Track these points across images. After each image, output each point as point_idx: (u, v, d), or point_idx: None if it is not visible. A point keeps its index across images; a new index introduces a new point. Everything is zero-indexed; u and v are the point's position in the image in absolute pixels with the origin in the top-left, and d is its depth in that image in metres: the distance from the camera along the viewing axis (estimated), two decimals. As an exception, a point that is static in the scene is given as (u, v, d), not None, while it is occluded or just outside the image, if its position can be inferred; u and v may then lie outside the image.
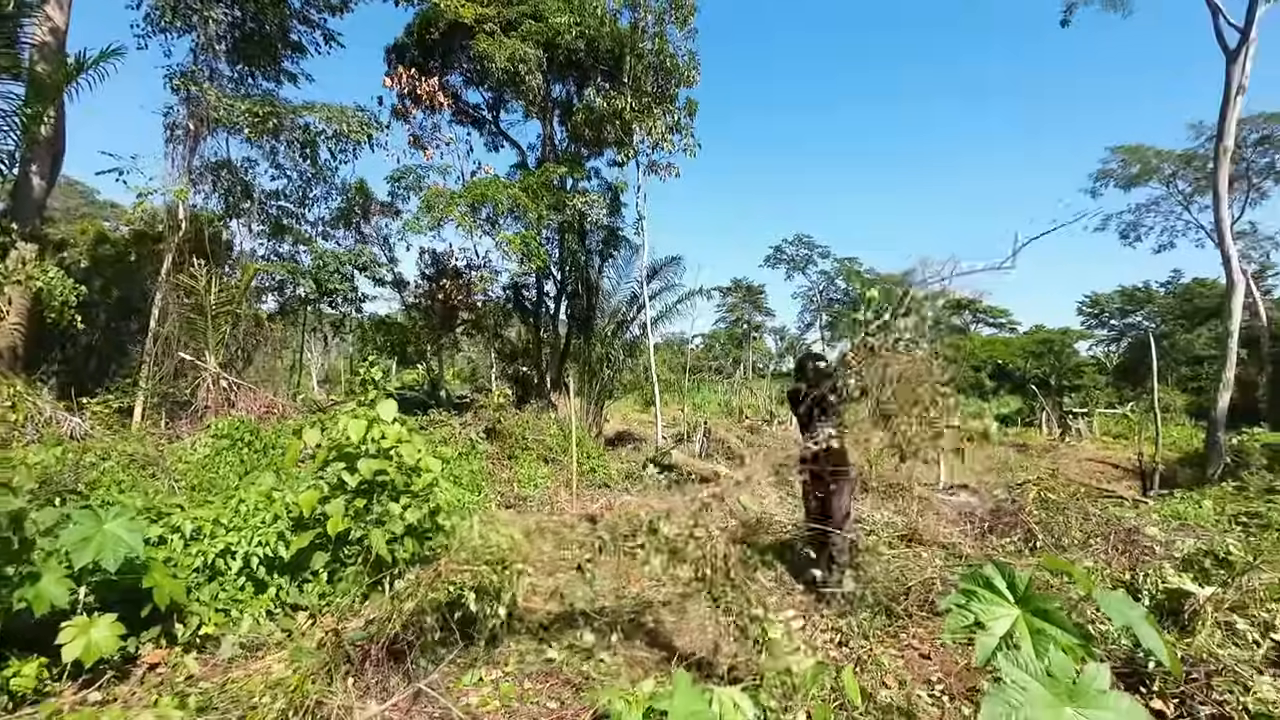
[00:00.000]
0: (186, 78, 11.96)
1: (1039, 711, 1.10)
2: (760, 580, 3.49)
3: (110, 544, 2.33)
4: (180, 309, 9.52)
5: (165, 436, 6.92)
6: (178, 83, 11.87)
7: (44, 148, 10.40)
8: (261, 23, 12.96)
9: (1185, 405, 26.88)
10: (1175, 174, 28.24)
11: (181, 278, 8.41)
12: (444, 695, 2.22)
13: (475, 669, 2.44)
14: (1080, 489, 7.93)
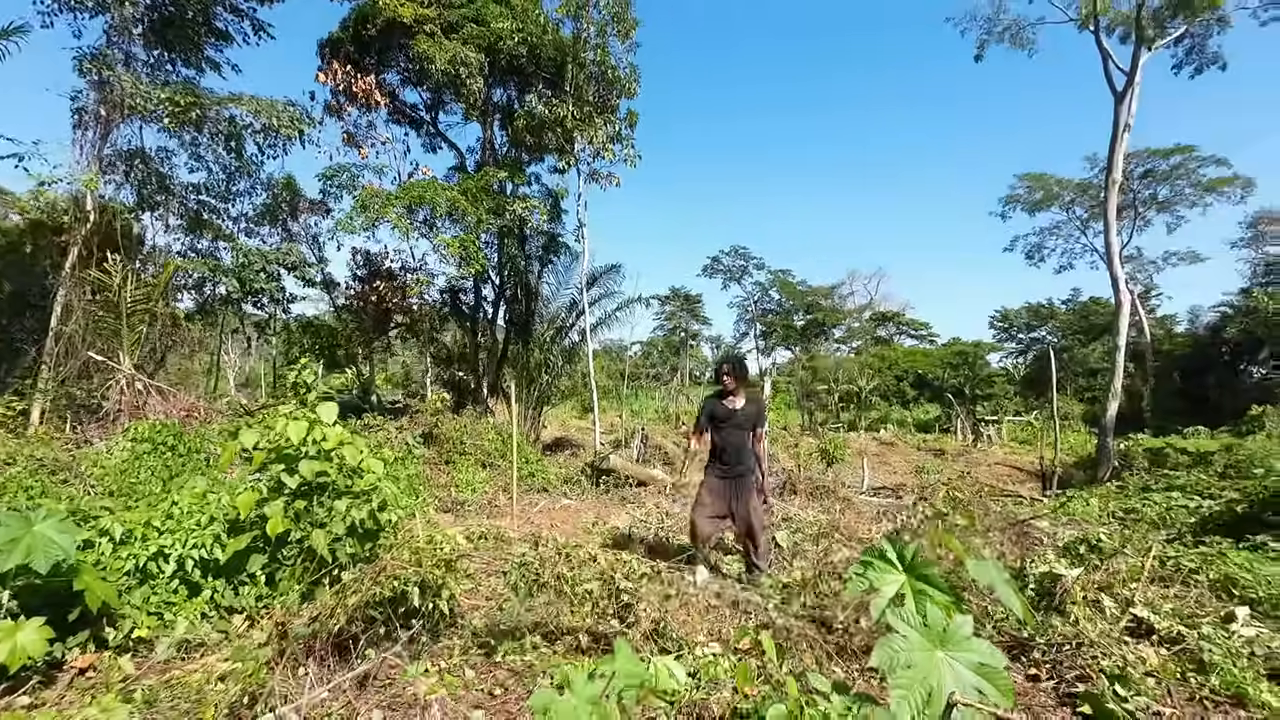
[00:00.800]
0: (98, 60, 11.23)
1: (917, 654, 1.33)
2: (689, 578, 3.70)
3: (41, 546, 2.27)
4: (89, 306, 8.91)
5: (72, 441, 6.47)
6: (88, 65, 11.14)
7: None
8: (183, 7, 12.33)
9: (1082, 413, 29.22)
10: (1073, 201, 30.83)
11: (93, 273, 7.88)
12: (389, 686, 2.29)
13: (419, 661, 2.51)
14: (985, 489, 8.61)
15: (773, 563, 4.46)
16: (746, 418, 4.76)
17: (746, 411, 4.76)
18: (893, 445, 23.15)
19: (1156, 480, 9.20)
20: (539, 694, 1.28)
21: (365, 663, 2.30)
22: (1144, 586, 3.59)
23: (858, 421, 33.04)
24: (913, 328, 56.27)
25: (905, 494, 9.01)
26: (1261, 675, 2.78)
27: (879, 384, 40.40)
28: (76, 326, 10.77)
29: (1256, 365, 24.09)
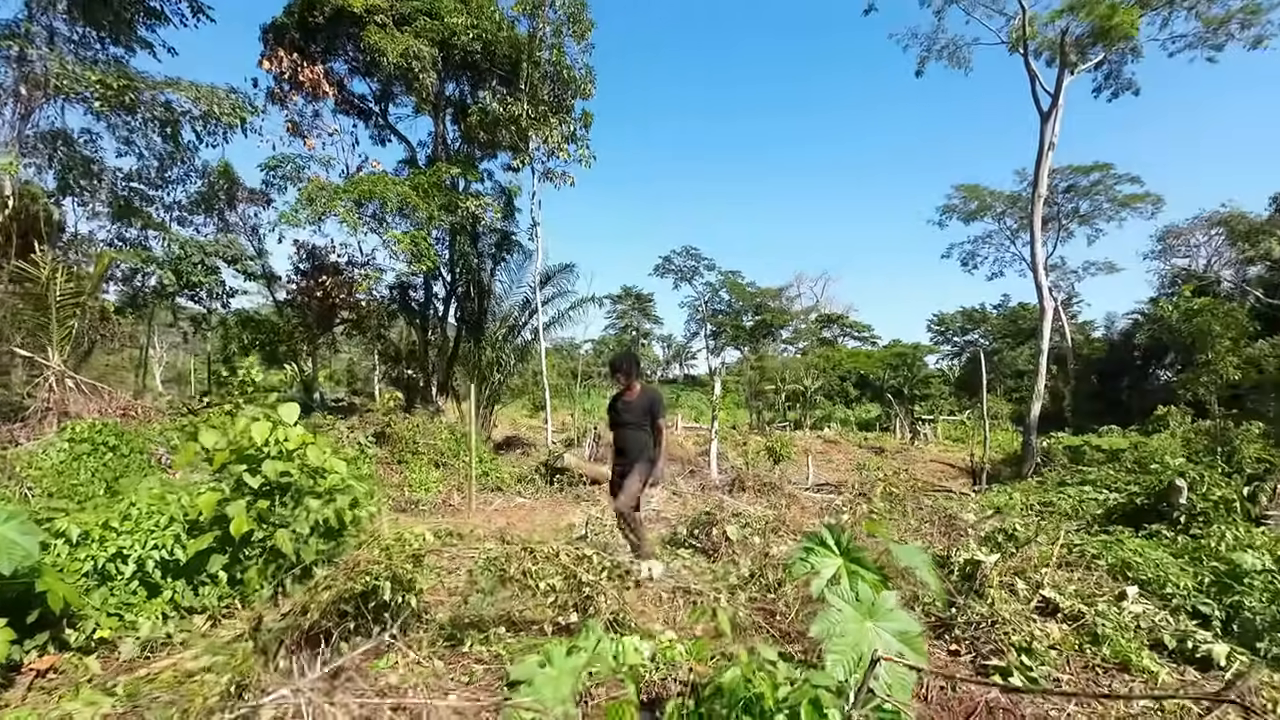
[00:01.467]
0: (19, 37, 10.57)
1: (850, 624, 1.55)
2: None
3: (4, 548, 2.25)
4: (7, 297, 8.40)
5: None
6: (6, 41, 10.47)
7: None
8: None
9: (1010, 413, 30.95)
10: (1004, 212, 32.62)
11: (19, 263, 7.43)
12: (362, 678, 2.38)
13: (390, 654, 2.61)
14: (919, 485, 9.14)
15: (723, 555, 4.69)
16: (639, 412, 4.83)
17: (637, 406, 4.84)
18: (836, 444, 24.01)
19: (1071, 475, 9.97)
20: (521, 666, 1.44)
21: (339, 656, 2.38)
22: (1052, 571, 3.99)
23: (803, 420, 33.99)
24: (856, 330, 58.28)
25: (846, 490, 9.45)
26: (1145, 645, 3.18)
27: (824, 384, 41.64)
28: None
29: (1163, 369, 26.09)
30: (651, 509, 6.71)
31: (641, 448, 4.78)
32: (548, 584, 2.93)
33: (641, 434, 4.82)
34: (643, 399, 4.88)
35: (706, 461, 14.35)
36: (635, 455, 4.76)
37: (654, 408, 4.87)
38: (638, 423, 4.83)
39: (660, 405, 4.94)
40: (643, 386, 5.00)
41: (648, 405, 4.86)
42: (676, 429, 23.23)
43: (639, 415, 4.84)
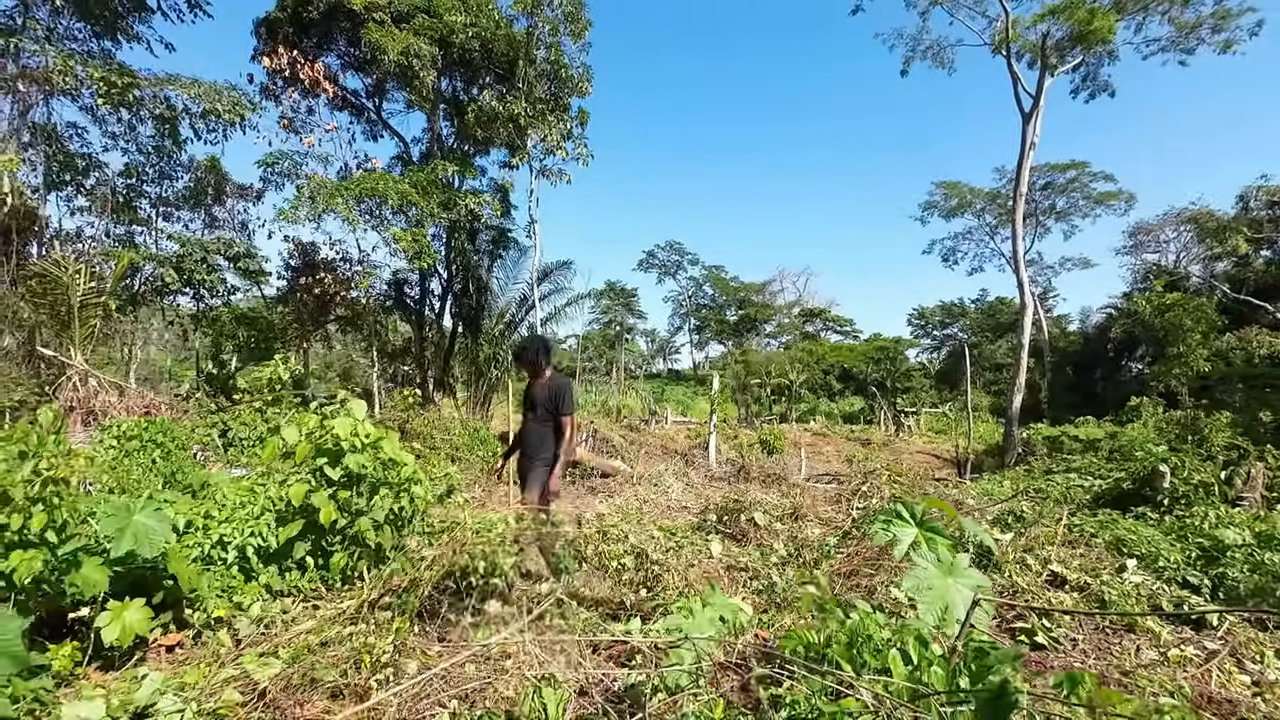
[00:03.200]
0: (17, 32, 10.49)
1: (935, 580, 1.87)
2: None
3: (145, 534, 2.47)
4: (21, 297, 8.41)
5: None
6: (5, 40, 10.37)
7: None
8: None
9: (990, 405, 31.82)
10: (984, 209, 33.42)
11: (41, 262, 7.45)
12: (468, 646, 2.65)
13: (486, 627, 2.87)
14: (917, 474, 9.57)
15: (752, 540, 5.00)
16: (542, 404, 4.23)
17: (541, 396, 4.24)
18: (824, 436, 24.56)
19: (1057, 464, 10.50)
20: (670, 618, 1.72)
21: (451, 627, 2.65)
22: (1057, 548, 4.38)
23: (789, 414, 34.55)
24: (838, 324, 59.16)
25: (845, 481, 9.84)
26: (1146, 610, 3.56)
27: (808, 377, 42.29)
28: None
29: (1135, 361, 27.05)
30: (674, 499, 7.03)
31: (540, 444, 4.21)
32: (619, 563, 3.21)
33: (543, 429, 4.22)
34: (547, 389, 4.24)
35: (702, 454, 14.69)
36: (532, 453, 4.22)
37: (559, 399, 4.24)
38: (541, 417, 4.22)
39: (566, 397, 4.28)
40: (553, 375, 4.37)
41: (550, 397, 4.22)
42: (667, 423, 23.57)
43: (542, 408, 4.22)
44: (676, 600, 3.19)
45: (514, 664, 2.33)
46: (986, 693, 1.14)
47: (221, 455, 6.40)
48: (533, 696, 1.73)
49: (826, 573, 3.50)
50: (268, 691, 2.10)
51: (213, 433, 6.67)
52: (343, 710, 1.97)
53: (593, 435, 15.39)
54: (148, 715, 2.08)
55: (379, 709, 1.92)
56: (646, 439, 18.48)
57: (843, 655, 1.68)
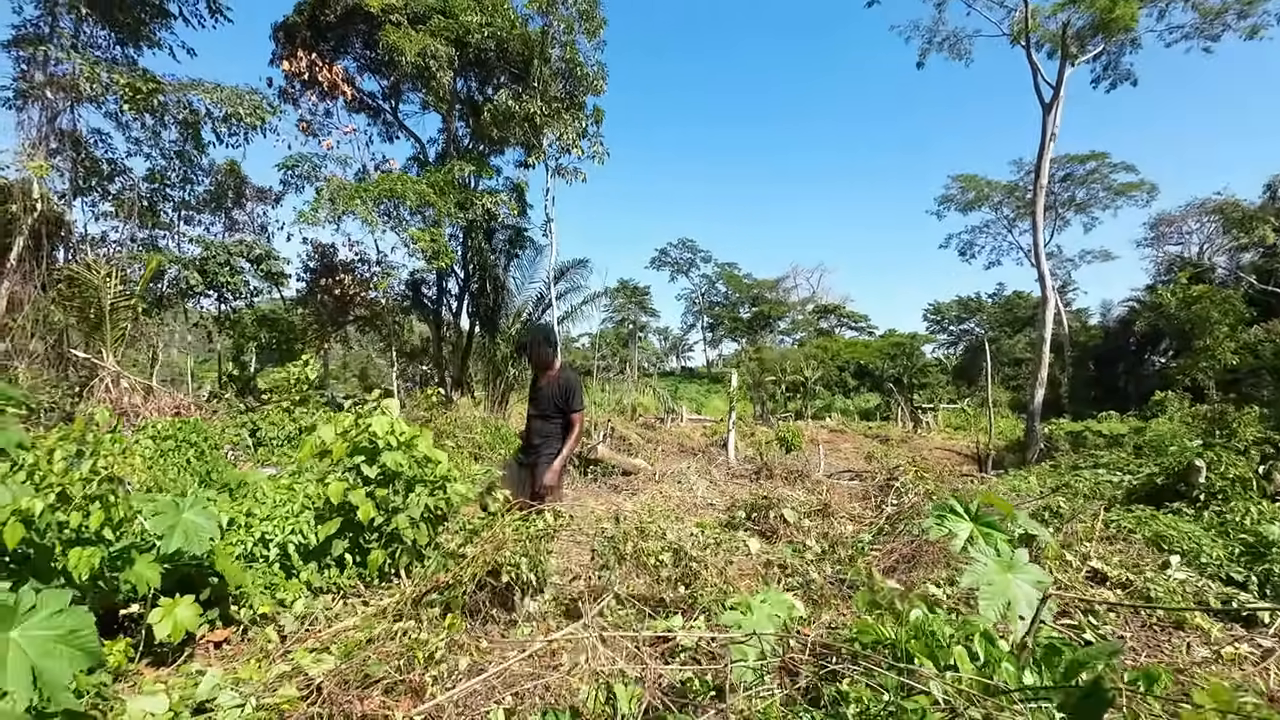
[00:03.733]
0: (45, 41, 10.68)
1: (995, 576, 1.84)
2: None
3: (194, 531, 2.51)
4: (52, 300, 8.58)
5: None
6: (34, 48, 10.57)
7: None
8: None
9: (1009, 401, 31.46)
10: (1001, 202, 33.00)
11: (72, 266, 7.60)
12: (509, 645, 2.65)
13: (524, 625, 2.88)
14: (941, 470, 9.48)
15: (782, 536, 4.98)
16: (548, 399, 4.06)
17: (547, 392, 4.07)
18: (842, 433, 24.39)
19: (1084, 459, 10.34)
20: (729, 614, 1.71)
21: (493, 624, 2.66)
22: (1095, 544, 4.31)
23: (804, 411, 34.35)
24: (853, 320, 58.72)
25: (868, 477, 9.76)
26: (1193, 607, 3.50)
27: (823, 374, 42.01)
28: (25, 321, 10.28)
29: (1158, 355, 26.61)
30: (699, 496, 7.01)
31: (546, 441, 4.07)
32: (657, 559, 3.21)
33: (550, 425, 4.07)
34: (556, 384, 4.06)
35: (720, 452, 14.65)
36: (535, 449, 4.10)
37: (567, 395, 4.03)
38: (545, 413, 4.07)
39: (577, 393, 4.07)
40: (562, 369, 4.19)
41: (557, 393, 4.04)
42: (683, 421, 23.53)
43: (547, 403, 4.06)
44: (713, 597, 3.18)
45: (567, 660, 2.33)
46: (1079, 690, 1.12)
47: (252, 454, 6.49)
48: (597, 693, 1.73)
49: (865, 569, 3.47)
50: (323, 687, 2.12)
51: (243, 432, 6.76)
52: (399, 705, 1.98)
53: (610, 433, 15.44)
54: (207, 710, 2.11)
55: (440, 706, 1.93)
56: (663, 437, 18.46)
57: (920, 650, 1.66)
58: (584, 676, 1.93)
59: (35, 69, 10.95)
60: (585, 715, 1.67)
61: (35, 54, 10.96)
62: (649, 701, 1.51)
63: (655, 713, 1.44)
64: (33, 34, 11.01)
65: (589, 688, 1.73)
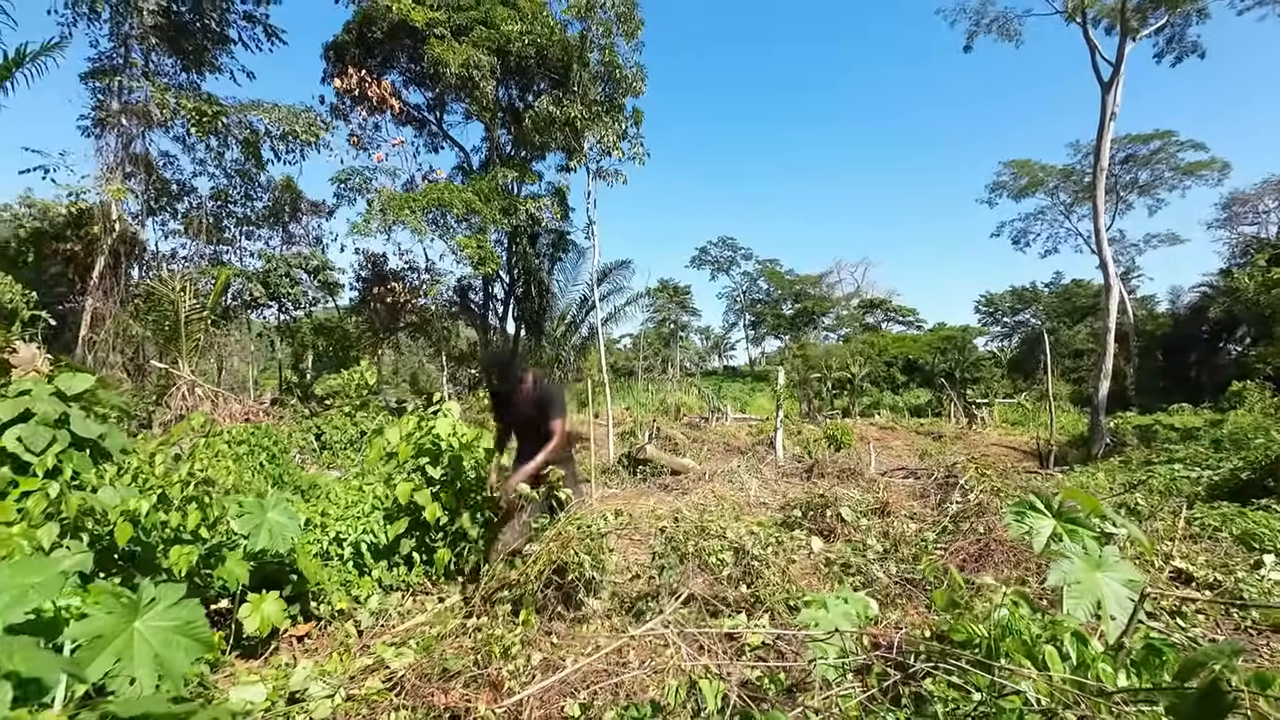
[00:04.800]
0: (121, 71, 11.37)
1: (1082, 573, 1.78)
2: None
3: (278, 530, 2.64)
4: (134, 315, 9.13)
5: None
6: (109, 79, 11.26)
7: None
8: (200, 14, 12.45)
9: (1069, 394, 30.10)
10: (1058, 187, 31.63)
11: (150, 281, 8.12)
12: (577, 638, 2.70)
13: (589, 622, 2.92)
14: (1002, 467, 9.15)
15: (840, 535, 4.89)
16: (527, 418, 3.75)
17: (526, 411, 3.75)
18: (892, 430, 23.78)
19: (1157, 454, 9.82)
20: (805, 612, 1.70)
21: (559, 621, 2.71)
22: (1178, 543, 4.10)
23: (851, 408, 33.62)
24: (900, 314, 57.17)
25: (923, 475, 9.51)
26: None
27: (870, 370, 41.02)
28: (107, 335, 10.96)
29: (1234, 343, 25.05)
30: (752, 495, 6.96)
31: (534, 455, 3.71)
32: (718, 558, 3.21)
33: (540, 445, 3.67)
34: (529, 401, 3.73)
35: (767, 450, 14.49)
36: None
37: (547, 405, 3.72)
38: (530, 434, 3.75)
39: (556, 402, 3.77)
40: (535, 383, 3.83)
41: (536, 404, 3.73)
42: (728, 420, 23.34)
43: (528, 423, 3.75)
44: (776, 596, 3.16)
45: (634, 657, 2.35)
46: (1194, 692, 1.07)
47: (318, 457, 6.77)
48: (678, 688, 1.75)
49: (938, 567, 3.39)
50: (405, 680, 2.20)
51: (309, 436, 7.06)
52: (479, 698, 2.04)
53: (656, 433, 15.46)
54: (298, 700, 2.22)
55: (521, 701, 1.98)
56: (708, 436, 18.34)
57: (1017, 649, 1.61)
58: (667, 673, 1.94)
59: (111, 98, 11.66)
60: (667, 710, 1.69)
61: (110, 84, 11.67)
62: (733, 698, 1.52)
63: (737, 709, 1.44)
64: (108, 65, 11.72)
65: (671, 682, 1.74)
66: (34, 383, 2.49)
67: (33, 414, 2.43)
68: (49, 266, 13.20)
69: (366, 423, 7.48)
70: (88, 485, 2.44)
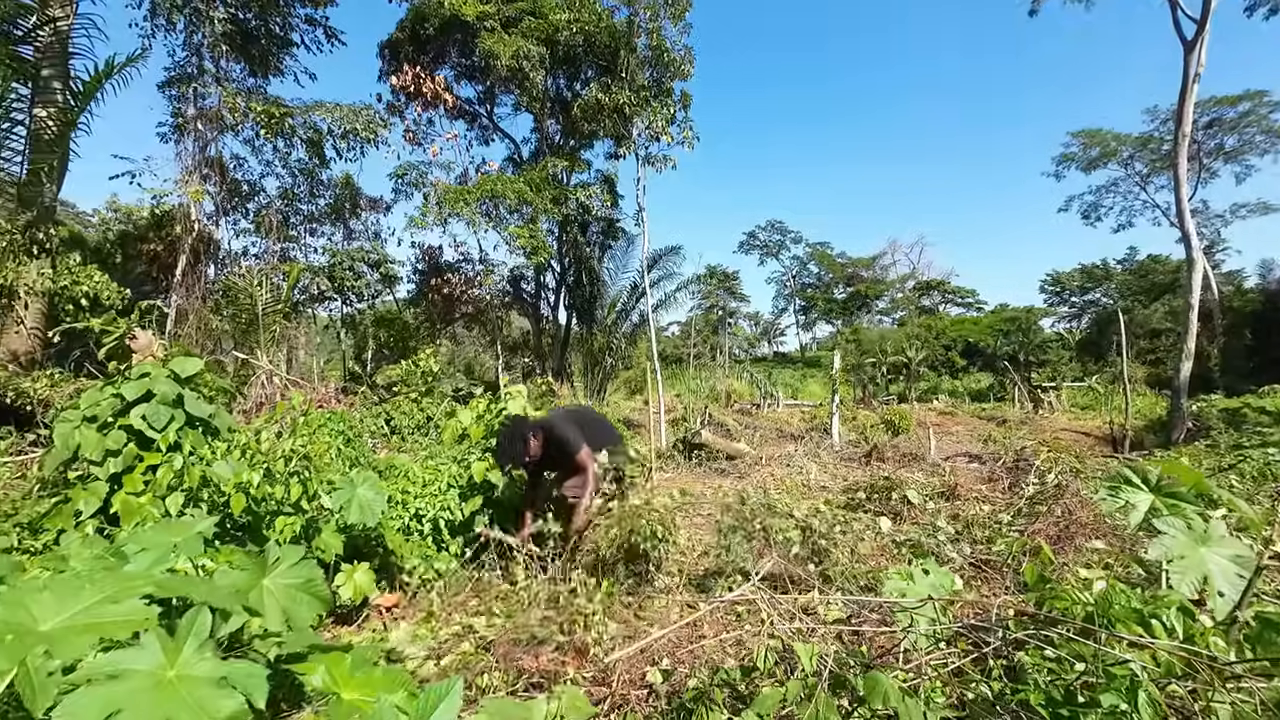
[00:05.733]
0: (192, 79, 12.01)
1: (1185, 549, 1.71)
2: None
3: (368, 505, 2.81)
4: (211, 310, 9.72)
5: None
6: (185, 87, 11.91)
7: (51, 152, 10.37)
8: (265, 20, 13.00)
9: (1145, 376, 28.46)
10: (1132, 156, 29.74)
11: (230, 278, 8.65)
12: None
13: (660, 596, 2.98)
14: (1076, 452, 8.78)
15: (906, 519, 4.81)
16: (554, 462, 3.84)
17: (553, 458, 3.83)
18: (952, 415, 23.07)
19: (1248, 438, 9.22)
20: (891, 583, 1.71)
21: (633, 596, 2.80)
22: (1278, 527, 3.86)
23: (907, 393, 32.72)
24: (959, 295, 55.13)
25: (987, 460, 9.22)
26: None
27: (927, 354, 39.71)
28: (190, 329, 11.66)
29: (1335, 319, 23.12)
30: (812, 478, 6.91)
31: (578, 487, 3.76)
32: (785, 537, 3.22)
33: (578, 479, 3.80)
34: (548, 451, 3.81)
35: (822, 436, 14.30)
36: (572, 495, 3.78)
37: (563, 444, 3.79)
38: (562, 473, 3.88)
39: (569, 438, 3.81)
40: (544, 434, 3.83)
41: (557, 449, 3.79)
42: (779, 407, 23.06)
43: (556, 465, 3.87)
44: (846, 574, 3.15)
45: (710, 629, 2.40)
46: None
47: (388, 441, 7.08)
48: (767, 653, 1.78)
49: (1016, 546, 3.31)
50: (494, 645, 2.31)
51: (379, 421, 7.39)
52: (569, 662, 2.13)
53: (708, 419, 15.46)
54: (396, 661, 2.36)
55: (609, 667, 2.06)
56: (760, 422, 18.21)
57: (1129, 616, 1.57)
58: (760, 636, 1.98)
59: (186, 105, 12.32)
60: (756, 674, 1.72)
61: (185, 91, 12.32)
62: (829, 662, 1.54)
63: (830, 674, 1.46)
64: (183, 74, 12.38)
65: (759, 647, 1.78)
66: (152, 366, 2.72)
67: (153, 394, 2.66)
68: (134, 266, 14.13)
69: (431, 408, 7.79)
70: (203, 459, 2.65)
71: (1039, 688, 1.35)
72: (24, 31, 9.01)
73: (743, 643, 2.29)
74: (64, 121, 8.56)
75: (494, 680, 2.07)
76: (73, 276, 7.77)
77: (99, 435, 2.58)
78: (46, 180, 10.38)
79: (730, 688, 1.67)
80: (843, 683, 1.50)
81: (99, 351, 3.06)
